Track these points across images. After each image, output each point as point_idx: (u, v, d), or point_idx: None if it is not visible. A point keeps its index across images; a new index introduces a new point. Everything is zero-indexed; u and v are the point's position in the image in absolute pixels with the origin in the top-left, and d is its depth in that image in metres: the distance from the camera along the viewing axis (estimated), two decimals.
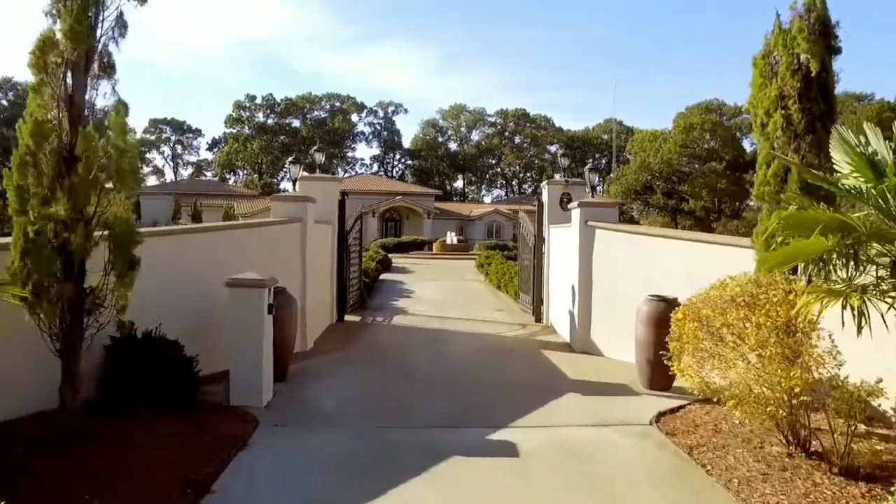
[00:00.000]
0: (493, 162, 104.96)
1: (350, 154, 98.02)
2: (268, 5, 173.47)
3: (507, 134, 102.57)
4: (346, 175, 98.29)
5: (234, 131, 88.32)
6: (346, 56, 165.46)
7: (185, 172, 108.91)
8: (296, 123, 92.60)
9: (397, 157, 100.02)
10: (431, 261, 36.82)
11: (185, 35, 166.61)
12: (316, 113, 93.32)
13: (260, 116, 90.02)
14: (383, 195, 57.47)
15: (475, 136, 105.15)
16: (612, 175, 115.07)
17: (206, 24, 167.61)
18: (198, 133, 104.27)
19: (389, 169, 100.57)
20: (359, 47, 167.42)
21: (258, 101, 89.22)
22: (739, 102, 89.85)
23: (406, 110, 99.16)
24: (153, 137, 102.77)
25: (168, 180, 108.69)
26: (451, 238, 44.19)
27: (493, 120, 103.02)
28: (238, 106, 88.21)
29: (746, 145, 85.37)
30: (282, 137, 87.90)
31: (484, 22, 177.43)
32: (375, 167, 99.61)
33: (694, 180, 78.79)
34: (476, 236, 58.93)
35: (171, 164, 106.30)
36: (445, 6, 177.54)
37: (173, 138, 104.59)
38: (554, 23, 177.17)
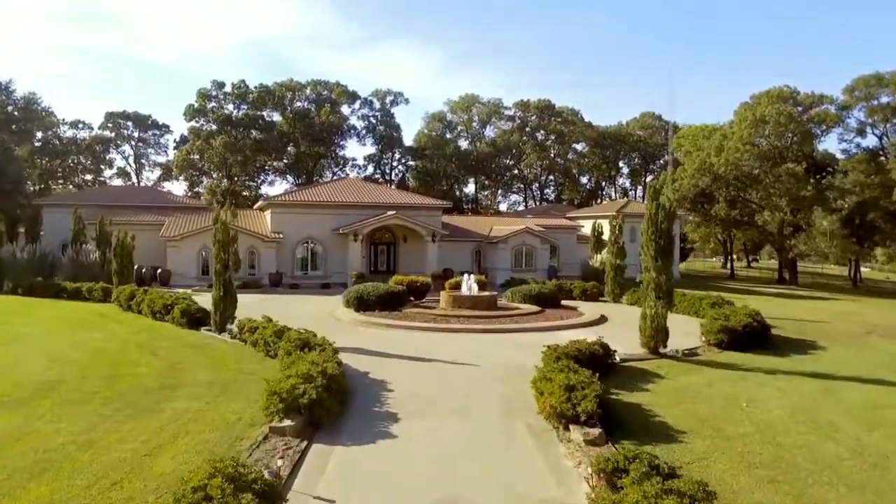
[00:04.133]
0: (511, 162, 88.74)
1: (341, 153, 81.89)
2: (271, 4, 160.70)
3: (528, 129, 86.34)
4: (334, 178, 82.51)
5: (198, 125, 72.34)
6: (350, 56, 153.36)
7: (154, 175, 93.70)
8: (275, 117, 76.64)
9: (396, 156, 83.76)
10: (437, 339, 20.91)
11: (186, 34, 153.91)
12: (298, 104, 77.18)
13: (230, 108, 73.98)
14: (372, 209, 41.57)
15: (490, 131, 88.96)
16: (652, 178, 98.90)
17: (208, 23, 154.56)
18: (165, 129, 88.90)
19: (388, 171, 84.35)
20: (363, 47, 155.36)
21: (227, 88, 73.19)
22: (818, 90, 73.61)
23: (407, 101, 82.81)
24: (111, 134, 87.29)
25: (130, 183, 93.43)
26: (469, 285, 28.15)
27: (511, 113, 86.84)
28: (202, 95, 72.17)
29: (829, 145, 69.42)
30: (254, 133, 71.84)
31: (490, 21, 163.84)
32: (370, 169, 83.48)
33: (768, 186, 62.45)
34: (499, 264, 43.02)
35: (133, 165, 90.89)
36: (451, 5, 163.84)
37: (136, 135, 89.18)
38: (560, 21, 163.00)
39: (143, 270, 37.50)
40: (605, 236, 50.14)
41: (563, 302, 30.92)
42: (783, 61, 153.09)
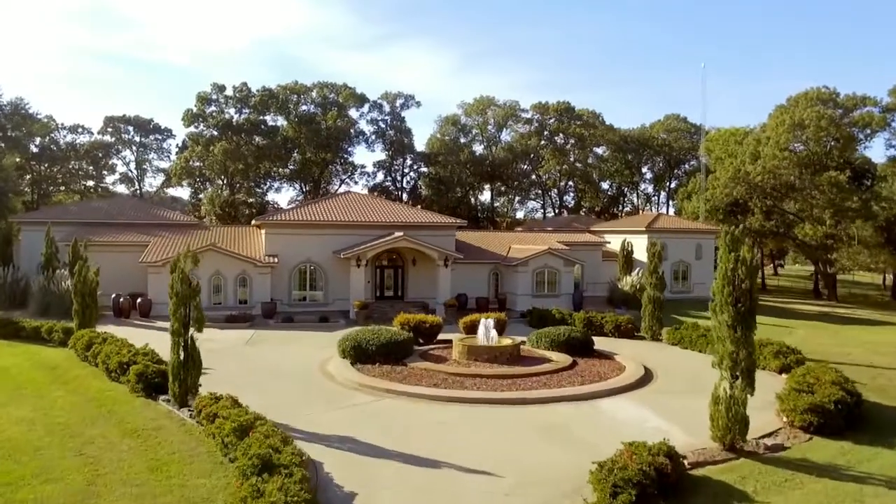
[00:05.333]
0: (529, 168, 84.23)
1: (349, 159, 77.68)
2: (285, 4, 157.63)
3: (546, 133, 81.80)
4: (344, 188, 78.50)
5: (197, 131, 68.46)
6: (365, 57, 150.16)
7: (156, 181, 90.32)
8: (279, 121, 72.58)
9: (408, 162, 79.50)
10: (447, 415, 16.72)
11: (200, 35, 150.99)
12: (304, 107, 73.07)
13: (231, 112, 70.00)
14: (378, 228, 37.50)
15: (506, 135, 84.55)
16: (676, 183, 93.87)
17: (221, 23, 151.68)
18: (168, 133, 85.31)
19: (398, 178, 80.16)
20: (377, 47, 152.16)
21: (228, 92, 69.30)
22: (860, 90, 68.90)
23: (418, 104, 78.38)
24: (111, 139, 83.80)
25: (132, 191, 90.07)
26: (488, 332, 23.80)
27: (528, 116, 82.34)
28: (202, 99, 68.35)
29: (875, 153, 63.93)
30: (257, 138, 67.88)
31: (505, 20, 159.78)
32: (381, 176, 79.28)
33: (808, 197, 57.69)
34: (519, 290, 38.82)
35: (134, 171, 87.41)
36: (465, 3, 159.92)
37: (137, 140, 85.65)
38: (577, 20, 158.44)
39: (122, 300, 33.62)
40: (636, 254, 45.93)
41: (596, 340, 26.51)
42: (800, 59, 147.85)
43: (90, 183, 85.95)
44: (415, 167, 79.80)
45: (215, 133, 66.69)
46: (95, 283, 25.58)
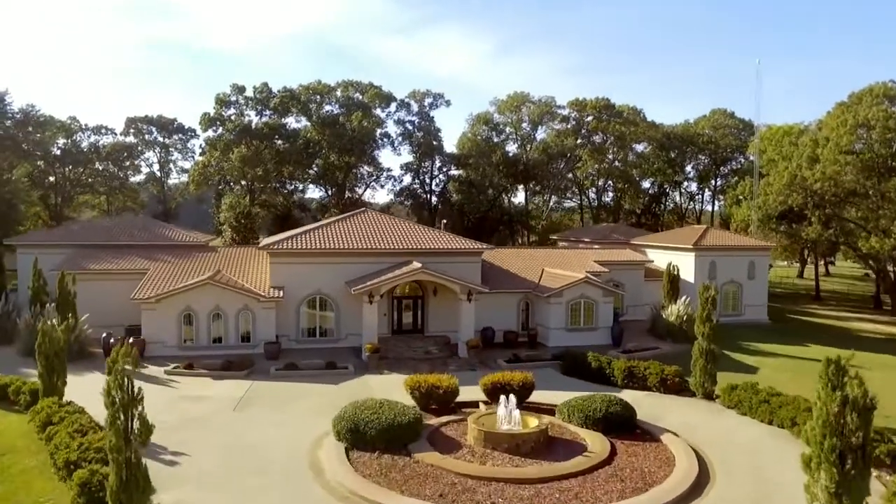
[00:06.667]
0: (565, 167, 79.70)
1: (376, 161, 74.11)
2: None
3: (584, 131, 77.10)
4: (369, 193, 75.15)
5: (215, 135, 65.61)
6: (402, 42, 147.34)
7: (181, 181, 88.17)
8: (301, 123, 69.33)
9: (437, 164, 75.63)
10: None
11: (244, 25, 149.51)
12: (327, 108, 69.65)
13: (252, 115, 66.98)
14: (394, 255, 33.94)
15: (541, 133, 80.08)
16: (718, 183, 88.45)
17: (264, 13, 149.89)
18: (191, 133, 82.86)
19: (427, 181, 76.39)
20: (414, 31, 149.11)
21: (248, 93, 66.24)
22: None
23: (448, 102, 74.31)
24: (134, 140, 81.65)
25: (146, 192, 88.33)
26: (508, 413, 19.93)
27: (565, 113, 77.63)
28: (221, 101, 65.43)
29: None
30: (278, 142, 64.79)
31: (545, 2, 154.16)
32: (408, 179, 75.66)
33: (873, 206, 52.32)
34: (552, 323, 35.02)
35: (158, 172, 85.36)
36: None
37: (160, 140, 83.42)
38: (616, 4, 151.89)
39: (112, 340, 30.70)
40: (683, 275, 41.67)
41: (637, 396, 22.72)
42: (857, 39, 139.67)
43: (115, 183, 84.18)
44: (444, 169, 75.96)
45: (234, 137, 63.60)
46: (62, 341, 22.49)
